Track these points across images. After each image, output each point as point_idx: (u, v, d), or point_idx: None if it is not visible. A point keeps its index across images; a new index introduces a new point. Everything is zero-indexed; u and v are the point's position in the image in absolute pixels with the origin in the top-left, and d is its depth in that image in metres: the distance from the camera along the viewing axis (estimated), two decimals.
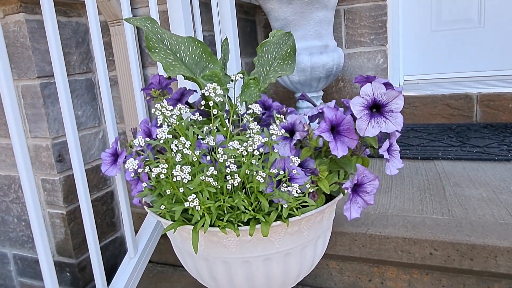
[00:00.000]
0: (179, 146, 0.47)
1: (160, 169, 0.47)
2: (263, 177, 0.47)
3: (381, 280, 0.88)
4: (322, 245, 0.65)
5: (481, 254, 0.75)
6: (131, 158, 0.51)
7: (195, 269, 0.64)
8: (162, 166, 0.47)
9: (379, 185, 1.05)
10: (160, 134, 0.48)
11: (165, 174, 0.47)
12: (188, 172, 0.46)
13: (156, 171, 0.48)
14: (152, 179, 0.50)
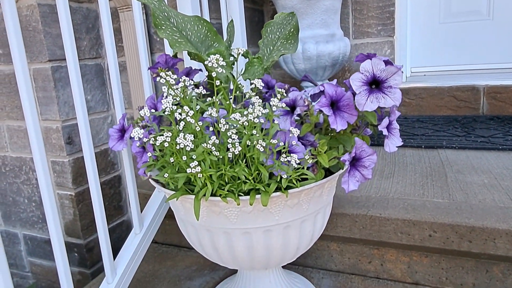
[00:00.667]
0: (183, 115, 0.49)
1: (164, 137, 0.49)
2: (263, 146, 0.49)
3: (381, 262, 0.89)
4: (321, 220, 0.67)
5: (480, 236, 0.76)
6: (137, 128, 0.53)
7: (197, 241, 0.66)
8: (166, 134, 0.49)
9: (381, 168, 1.06)
10: (165, 105, 0.50)
11: (169, 142, 0.49)
12: (191, 140, 0.48)
13: (160, 139, 0.50)
14: (156, 148, 0.52)
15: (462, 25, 1.73)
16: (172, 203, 0.66)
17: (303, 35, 1.36)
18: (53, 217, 0.66)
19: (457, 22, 1.73)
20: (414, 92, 1.70)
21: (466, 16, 1.71)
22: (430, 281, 0.86)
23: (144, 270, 1.02)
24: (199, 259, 1.05)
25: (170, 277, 0.97)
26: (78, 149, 1.31)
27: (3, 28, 1.24)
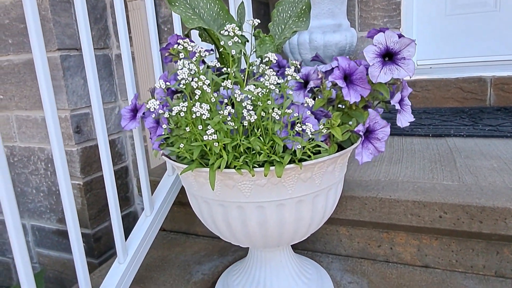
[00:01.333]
0: (199, 83, 0.49)
1: (180, 107, 0.50)
2: (278, 114, 0.49)
3: (390, 246, 0.89)
4: (333, 197, 0.67)
5: (491, 216, 0.76)
6: (152, 100, 0.53)
7: (210, 218, 0.66)
8: (182, 104, 0.50)
9: (389, 155, 1.06)
10: (181, 75, 0.50)
11: (185, 112, 0.50)
12: (207, 109, 0.49)
13: (176, 109, 0.50)
14: (171, 121, 0.52)
15: (469, 17, 1.73)
16: (184, 180, 0.66)
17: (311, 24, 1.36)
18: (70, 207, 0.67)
19: (463, 14, 1.73)
20: (420, 84, 1.70)
21: (472, 8, 1.71)
22: (440, 264, 0.86)
23: (153, 255, 1.02)
24: (208, 245, 1.06)
25: (180, 262, 0.98)
26: (87, 138, 1.32)
27: (12, 18, 1.25)
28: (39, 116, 1.32)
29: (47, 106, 0.64)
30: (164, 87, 0.54)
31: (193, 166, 0.55)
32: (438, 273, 0.84)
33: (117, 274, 0.77)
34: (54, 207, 1.41)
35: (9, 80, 1.33)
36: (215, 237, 1.09)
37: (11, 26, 1.26)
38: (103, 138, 0.73)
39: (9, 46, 1.29)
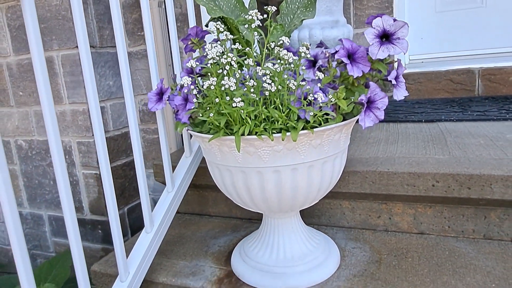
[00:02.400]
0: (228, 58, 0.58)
1: (211, 81, 0.59)
2: (294, 85, 0.59)
3: (389, 216, 0.99)
4: (338, 165, 0.76)
5: (478, 182, 0.86)
6: (185, 76, 0.62)
7: (232, 185, 0.75)
8: (212, 79, 0.59)
9: (385, 137, 1.16)
10: (211, 55, 0.59)
11: (214, 85, 0.59)
12: (234, 82, 0.58)
13: (207, 84, 0.59)
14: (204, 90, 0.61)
15: (457, 13, 1.84)
16: (208, 152, 0.75)
17: (309, 21, 1.46)
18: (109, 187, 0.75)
19: (452, 10, 1.84)
20: (412, 77, 1.81)
21: (460, 5, 1.82)
22: (434, 230, 0.95)
23: (171, 233, 1.10)
24: (221, 223, 1.14)
25: (196, 238, 1.06)
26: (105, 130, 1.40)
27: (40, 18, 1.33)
28: (57, 110, 1.40)
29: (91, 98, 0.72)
30: (195, 66, 0.63)
31: (220, 133, 0.64)
32: (432, 238, 0.94)
33: (145, 242, 0.85)
34: None
35: (29, 77, 1.41)
36: (227, 216, 1.18)
37: None
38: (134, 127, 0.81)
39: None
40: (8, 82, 1.47)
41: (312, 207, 1.05)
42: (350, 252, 0.91)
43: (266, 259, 0.83)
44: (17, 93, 1.46)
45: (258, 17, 0.61)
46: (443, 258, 0.85)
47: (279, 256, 0.83)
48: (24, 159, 1.53)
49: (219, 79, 0.60)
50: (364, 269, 0.84)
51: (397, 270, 0.82)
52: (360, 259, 0.87)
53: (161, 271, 0.91)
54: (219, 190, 1.16)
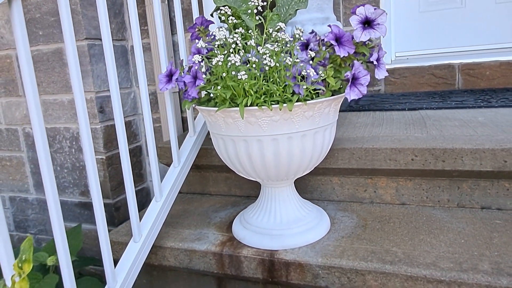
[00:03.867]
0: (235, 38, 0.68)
1: (218, 58, 0.69)
2: (290, 61, 0.69)
3: (374, 189, 1.09)
4: (328, 136, 0.87)
5: (451, 155, 0.97)
6: (196, 55, 0.72)
7: (235, 154, 0.85)
8: (220, 56, 0.69)
9: (371, 122, 1.27)
10: (218, 36, 0.70)
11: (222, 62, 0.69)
12: (239, 58, 0.68)
13: (215, 60, 0.69)
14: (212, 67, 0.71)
15: (439, 13, 1.97)
16: (214, 124, 0.85)
17: (301, 18, 1.57)
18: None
19: (435, 10, 1.97)
20: (398, 72, 1.93)
21: (442, 5, 1.96)
22: (414, 201, 1.06)
23: (176, 209, 1.20)
24: (221, 200, 1.24)
25: (199, 212, 1.16)
26: (109, 118, 1.50)
27: (44, 12, 1.43)
28: (65, 98, 1.49)
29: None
30: (205, 45, 0.74)
31: (226, 104, 0.74)
32: (412, 207, 1.05)
33: (155, 209, 0.95)
34: (77, 182, 1.57)
35: (38, 68, 1.50)
36: (227, 194, 1.28)
37: (42, 19, 1.44)
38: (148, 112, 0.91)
39: (39, 37, 1.46)
40: (17, 73, 1.55)
41: (305, 183, 1.16)
42: (339, 220, 1.01)
43: (264, 223, 0.93)
44: None
45: (259, 2, 0.72)
46: (421, 222, 0.96)
47: (276, 221, 0.93)
48: (31, 146, 1.61)
49: (225, 56, 0.70)
50: (351, 232, 0.94)
51: (380, 232, 0.93)
52: (348, 225, 0.98)
53: (168, 238, 1.01)
54: (220, 171, 1.26)
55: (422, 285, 0.76)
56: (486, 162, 0.95)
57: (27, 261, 0.38)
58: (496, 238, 0.85)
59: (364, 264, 0.80)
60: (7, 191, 1.74)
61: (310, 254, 0.86)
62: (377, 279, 0.79)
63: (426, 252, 0.82)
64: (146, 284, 1.09)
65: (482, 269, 0.75)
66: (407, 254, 0.82)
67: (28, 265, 0.38)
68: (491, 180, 0.98)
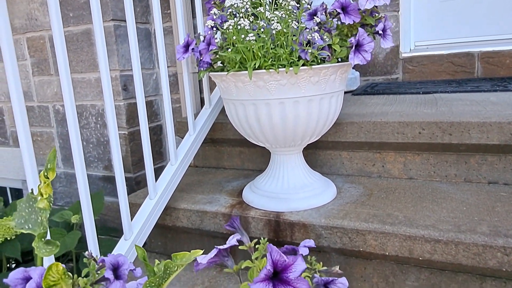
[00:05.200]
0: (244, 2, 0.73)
1: (229, 22, 0.74)
2: (296, 25, 0.74)
3: (382, 164, 1.12)
4: (335, 104, 0.90)
5: (458, 129, 0.99)
6: (209, 20, 0.78)
7: (245, 118, 0.90)
8: (230, 21, 0.74)
9: (383, 102, 1.29)
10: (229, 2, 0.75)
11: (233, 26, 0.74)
12: (248, 23, 0.73)
13: (226, 25, 0.75)
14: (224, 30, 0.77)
15: (460, 2, 1.95)
16: (225, 91, 0.91)
17: None
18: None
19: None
20: (416, 59, 1.93)
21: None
22: (421, 176, 1.08)
23: (190, 179, 1.26)
24: (234, 173, 1.29)
25: (213, 182, 1.22)
26: (131, 96, 1.58)
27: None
28: (92, 77, 1.58)
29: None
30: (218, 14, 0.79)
31: (236, 67, 0.79)
32: (419, 182, 1.07)
33: (170, 171, 1.01)
34: (101, 156, 1.67)
35: (68, 48, 1.60)
36: (241, 168, 1.33)
37: (72, 1, 1.53)
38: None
39: (70, 19, 1.56)
40: (49, 53, 1.66)
41: (315, 158, 1.19)
42: (346, 190, 1.05)
43: (272, 188, 0.98)
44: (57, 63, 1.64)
45: None
46: (426, 193, 0.98)
47: (284, 186, 0.97)
48: (60, 122, 1.72)
49: (236, 22, 0.75)
50: (356, 200, 0.97)
51: (385, 200, 0.96)
52: (353, 194, 1.01)
53: (182, 200, 1.07)
54: (234, 145, 1.32)
55: (420, 245, 0.79)
56: (493, 135, 0.96)
57: (51, 169, 0.44)
58: (499, 207, 0.87)
59: (365, 225, 0.84)
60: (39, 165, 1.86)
61: (314, 216, 0.90)
62: (377, 238, 0.82)
63: (427, 216, 0.85)
64: (161, 245, 1.15)
65: (480, 231, 0.77)
66: (407, 217, 0.85)
67: (52, 173, 0.44)
68: (499, 155, 0.99)
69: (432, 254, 0.78)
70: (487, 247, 0.74)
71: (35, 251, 0.46)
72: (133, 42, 0.91)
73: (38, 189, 0.45)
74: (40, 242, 0.44)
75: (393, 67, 1.98)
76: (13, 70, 0.66)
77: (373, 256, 0.86)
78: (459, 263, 0.76)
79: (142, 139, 0.94)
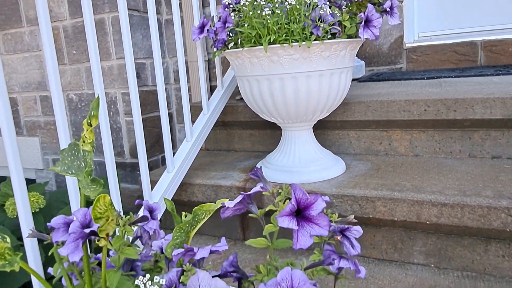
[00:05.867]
0: None
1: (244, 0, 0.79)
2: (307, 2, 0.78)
3: (389, 142, 1.16)
4: (344, 80, 0.95)
5: (462, 105, 1.03)
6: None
7: (259, 94, 0.94)
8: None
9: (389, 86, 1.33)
10: None
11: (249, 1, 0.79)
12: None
13: (243, 1, 0.79)
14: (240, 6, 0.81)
15: None
16: (240, 68, 0.95)
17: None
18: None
19: None
20: (420, 49, 1.97)
21: None
22: (427, 152, 1.12)
23: (203, 160, 1.31)
24: (245, 154, 1.34)
25: (225, 162, 1.26)
26: (143, 84, 1.63)
27: None
28: (105, 65, 1.63)
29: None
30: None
31: (251, 41, 0.83)
32: (425, 158, 1.11)
33: (186, 147, 1.06)
34: (114, 143, 1.71)
35: (82, 38, 1.65)
36: (251, 150, 1.38)
37: None
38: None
39: None
40: (63, 43, 1.71)
41: (324, 137, 1.24)
42: (354, 166, 1.09)
43: (284, 163, 1.02)
44: (71, 52, 1.69)
45: None
46: (432, 167, 1.02)
47: (295, 160, 1.02)
48: (73, 111, 1.77)
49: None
50: (365, 173, 1.02)
51: (392, 173, 1.00)
52: (362, 169, 1.05)
53: (197, 177, 1.11)
54: (244, 127, 1.36)
55: (427, 209, 0.83)
56: (496, 110, 1.00)
57: (94, 116, 0.49)
58: (502, 176, 0.91)
59: (374, 192, 0.88)
60: (51, 154, 1.91)
61: (325, 187, 0.94)
62: (386, 205, 0.87)
63: (433, 184, 0.89)
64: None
65: (484, 194, 0.81)
66: (415, 185, 0.89)
67: (95, 120, 0.49)
68: (502, 130, 1.03)
69: (439, 218, 0.82)
70: (491, 208, 0.78)
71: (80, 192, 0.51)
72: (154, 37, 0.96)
73: (82, 136, 0.50)
74: (85, 181, 0.48)
75: (397, 57, 2.02)
76: (53, 64, 0.70)
77: (382, 223, 0.90)
78: (465, 225, 0.80)
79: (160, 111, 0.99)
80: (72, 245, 0.49)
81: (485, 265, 0.83)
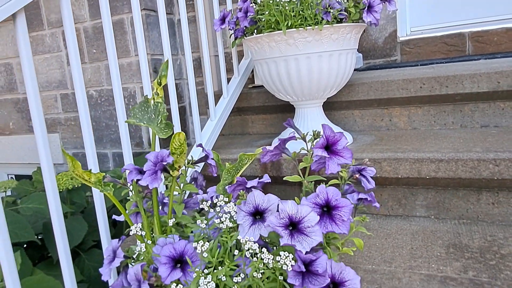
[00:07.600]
0: None
1: None
2: None
3: (390, 118, 1.30)
4: (350, 60, 1.09)
5: (453, 81, 1.17)
6: None
7: (276, 74, 1.08)
8: None
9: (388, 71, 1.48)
10: None
11: None
12: None
13: None
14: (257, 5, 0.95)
15: None
16: (258, 52, 1.09)
17: None
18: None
19: None
20: (412, 42, 2.12)
21: None
22: (424, 125, 1.26)
23: (222, 143, 1.43)
24: (259, 136, 1.47)
25: (242, 143, 1.39)
26: None
27: None
28: (125, 62, 1.76)
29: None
30: None
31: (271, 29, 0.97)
32: (422, 130, 1.25)
33: (210, 126, 1.19)
34: (133, 134, 1.84)
35: (102, 37, 1.78)
36: (264, 133, 1.51)
37: None
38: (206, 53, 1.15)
39: None
40: (84, 43, 1.84)
41: (330, 117, 1.37)
42: (360, 139, 1.23)
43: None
44: (91, 51, 1.82)
45: None
46: (429, 136, 1.16)
47: None
48: (94, 106, 1.89)
49: None
50: (370, 143, 1.15)
51: (394, 142, 1.14)
52: (367, 140, 1.19)
53: (220, 154, 1.24)
54: (257, 112, 1.49)
55: (427, 165, 0.96)
56: (483, 84, 1.14)
57: (164, 76, 0.62)
58: (490, 138, 1.05)
59: (380, 155, 1.02)
60: (71, 148, 2.03)
61: None
62: (391, 164, 1.00)
63: (431, 146, 1.03)
64: None
65: (474, 150, 0.95)
66: (415, 148, 1.03)
67: (164, 79, 0.61)
68: (488, 102, 1.18)
69: (437, 172, 0.96)
70: (481, 160, 0.91)
71: (152, 139, 0.64)
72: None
73: (152, 94, 0.63)
74: (158, 127, 0.61)
75: (392, 50, 2.17)
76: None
77: (387, 182, 1.03)
78: (459, 177, 0.94)
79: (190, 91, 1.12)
80: (149, 178, 0.62)
81: (478, 213, 0.97)
